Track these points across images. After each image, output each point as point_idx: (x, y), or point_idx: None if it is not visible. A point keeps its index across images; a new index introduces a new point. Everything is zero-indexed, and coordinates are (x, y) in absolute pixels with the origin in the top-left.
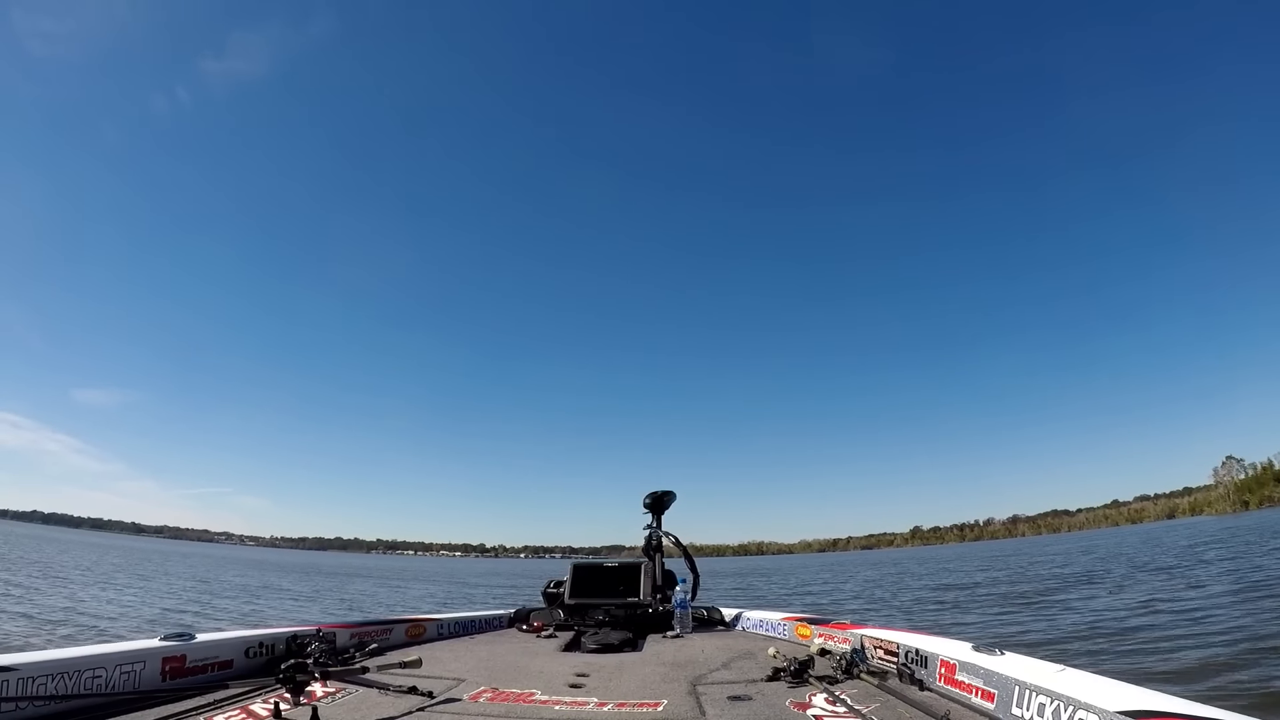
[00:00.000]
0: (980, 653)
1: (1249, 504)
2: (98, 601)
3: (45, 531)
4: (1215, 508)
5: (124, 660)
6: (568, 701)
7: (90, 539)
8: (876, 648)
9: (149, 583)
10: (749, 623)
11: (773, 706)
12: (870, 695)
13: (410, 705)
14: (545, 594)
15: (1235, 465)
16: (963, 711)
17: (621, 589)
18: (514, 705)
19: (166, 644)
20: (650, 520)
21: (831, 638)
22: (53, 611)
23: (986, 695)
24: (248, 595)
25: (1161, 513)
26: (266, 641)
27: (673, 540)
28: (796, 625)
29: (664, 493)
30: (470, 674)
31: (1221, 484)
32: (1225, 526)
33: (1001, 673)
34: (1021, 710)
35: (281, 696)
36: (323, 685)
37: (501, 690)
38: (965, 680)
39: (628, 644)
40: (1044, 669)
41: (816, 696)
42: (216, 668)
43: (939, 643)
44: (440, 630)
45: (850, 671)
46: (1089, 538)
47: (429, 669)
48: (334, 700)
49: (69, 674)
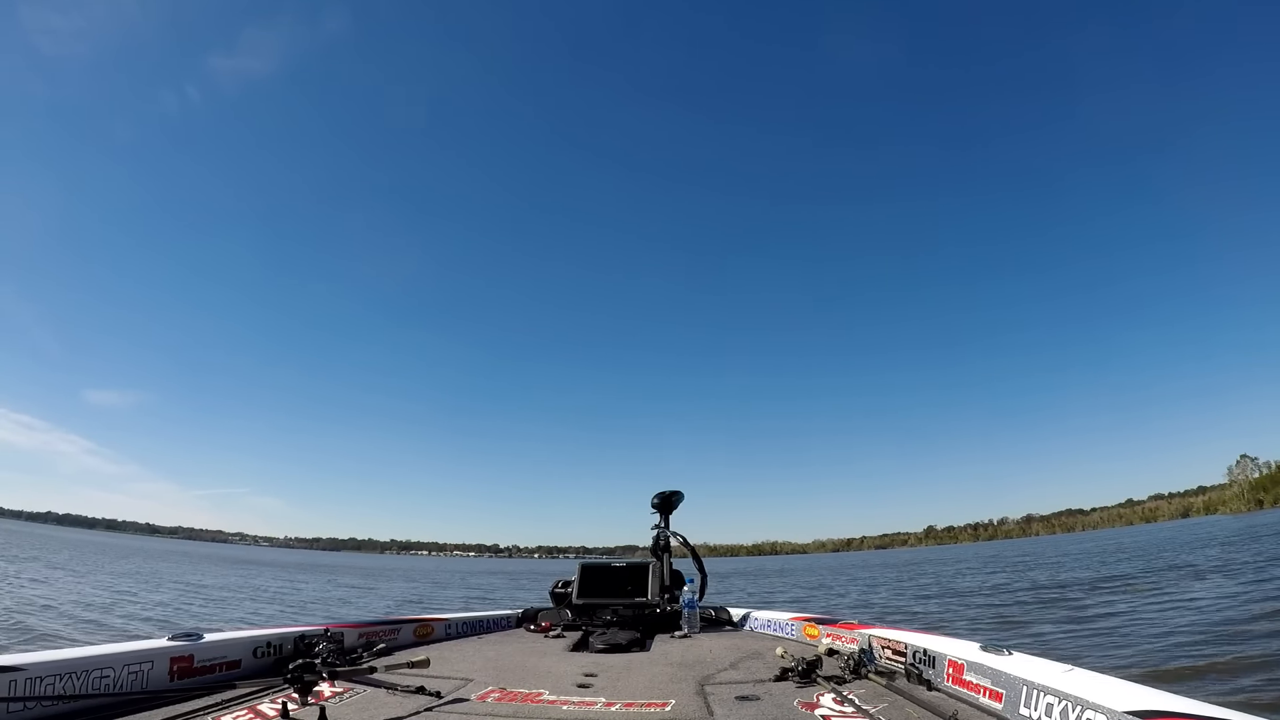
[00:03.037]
0: (988, 653)
1: (1263, 503)
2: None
3: (56, 532)
4: (1230, 506)
5: (132, 660)
6: (575, 701)
7: (101, 540)
8: (884, 648)
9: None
10: (757, 623)
11: (781, 706)
12: (878, 695)
13: (418, 705)
14: (553, 594)
15: (1250, 464)
16: (971, 711)
17: (629, 589)
18: (522, 705)
19: (174, 644)
20: (658, 520)
21: (839, 638)
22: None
23: (995, 695)
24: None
25: (1176, 512)
26: (274, 641)
27: (680, 540)
28: (804, 625)
29: (672, 493)
30: (478, 674)
31: (1236, 483)
32: (1248, 524)
33: (1009, 673)
34: (1029, 710)
35: (289, 696)
36: (330, 685)
37: (509, 690)
38: (973, 680)
39: (635, 644)
40: (1052, 669)
41: (824, 696)
42: (224, 668)
43: (947, 643)
44: (448, 630)
45: (858, 671)
46: (1113, 536)
47: (437, 669)
48: (342, 700)
49: (76, 674)
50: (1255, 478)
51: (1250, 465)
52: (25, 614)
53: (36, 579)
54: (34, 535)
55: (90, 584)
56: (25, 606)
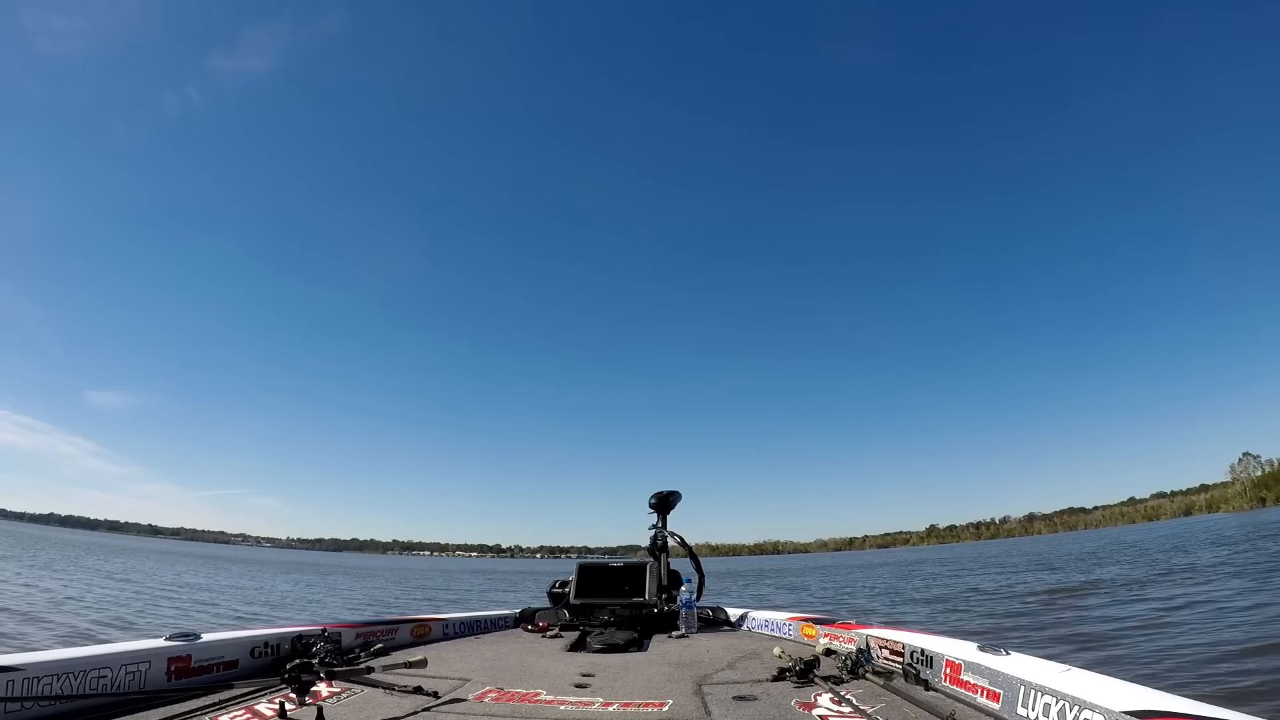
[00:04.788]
0: (986, 653)
1: (1265, 500)
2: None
3: (56, 534)
4: (1232, 505)
5: (129, 660)
6: (573, 701)
7: (98, 540)
8: (882, 648)
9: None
10: (754, 623)
11: (778, 706)
12: (876, 695)
13: (415, 705)
14: (550, 594)
15: (1252, 461)
16: (968, 711)
17: (627, 589)
18: (519, 705)
19: (172, 644)
20: (656, 520)
21: (837, 638)
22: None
23: (992, 695)
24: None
25: (1178, 510)
26: (272, 641)
27: (678, 540)
28: (802, 625)
29: (669, 493)
30: (475, 674)
31: (1238, 481)
32: (1256, 522)
33: (1007, 673)
34: (1027, 710)
35: (287, 696)
36: (328, 685)
37: (507, 690)
38: (971, 680)
39: (633, 644)
40: (1049, 669)
41: (822, 696)
42: (222, 668)
43: (944, 643)
44: (445, 630)
45: (855, 671)
46: (1119, 534)
47: (434, 669)
48: (339, 700)
49: (74, 674)
50: (1258, 475)
51: (1252, 463)
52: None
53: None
54: (32, 536)
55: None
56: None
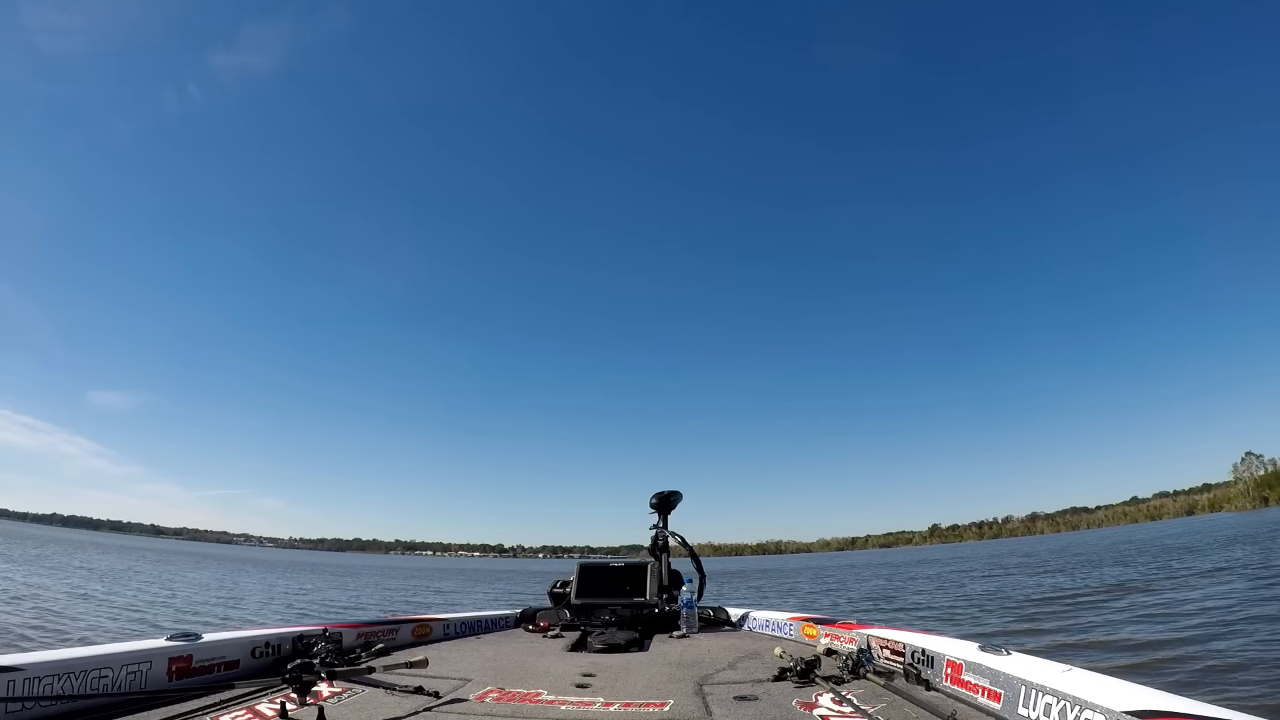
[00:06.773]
0: (987, 653)
1: (1269, 500)
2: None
3: (59, 533)
4: (1235, 504)
5: (130, 660)
6: (574, 701)
7: (97, 540)
8: (883, 648)
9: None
10: (755, 623)
11: (779, 706)
12: (876, 695)
13: (416, 705)
14: (551, 594)
15: (1255, 461)
16: (969, 711)
17: (628, 589)
18: (520, 705)
19: (173, 644)
20: (657, 520)
21: (838, 638)
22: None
23: (993, 695)
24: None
25: (1181, 509)
26: (273, 641)
27: (679, 540)
28: (803, 625)
29: (670, 493)
30: (476, 674)
31: (1241, 480)
32: (1262, 521)
33: (1008, 673)
34: (1028, 710)
35: (288, 697)
36: (329, 685)
37: (508, 690)
38: (972, 680)
39: (634, 644)
40: (1050, 669)
41: (823, 696)
42: (223, 668)
43: (945, 643)
44: (446, 630)
45: (856, 671)
46: (1125, 533)
47: (435, 669)
48: (340, 700)
49: (75, 674)
50: (1260, 475)
51: (1255, 462)
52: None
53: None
54: (31, 536)
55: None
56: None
